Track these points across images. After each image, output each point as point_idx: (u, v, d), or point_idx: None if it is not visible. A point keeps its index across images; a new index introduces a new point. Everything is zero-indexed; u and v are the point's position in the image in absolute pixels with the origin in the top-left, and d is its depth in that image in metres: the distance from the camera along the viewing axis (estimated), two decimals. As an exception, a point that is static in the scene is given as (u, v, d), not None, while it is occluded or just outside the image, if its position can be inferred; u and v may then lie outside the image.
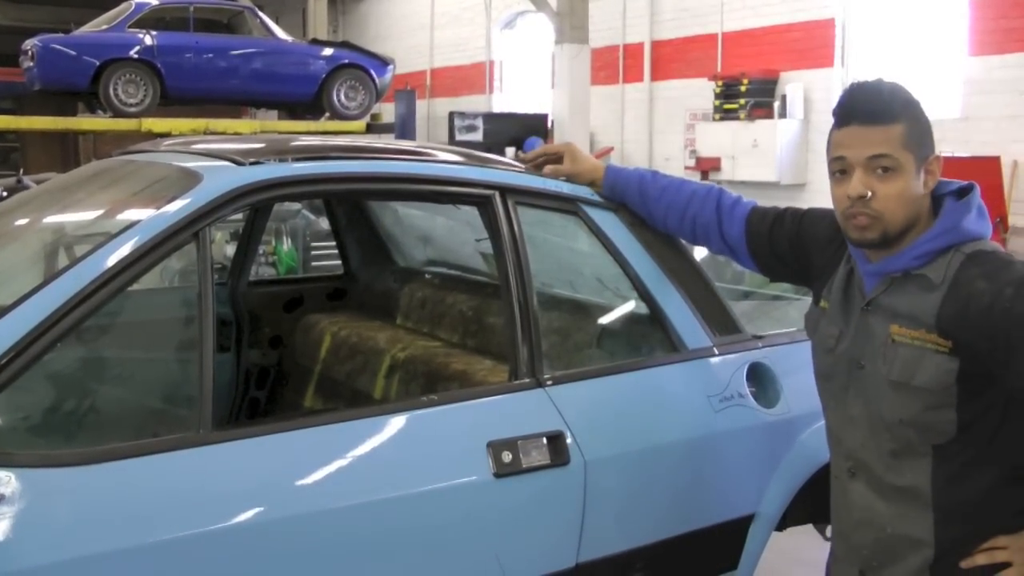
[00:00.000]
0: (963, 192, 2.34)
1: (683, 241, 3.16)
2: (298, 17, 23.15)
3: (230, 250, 6.21)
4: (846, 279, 2.47)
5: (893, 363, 2.29)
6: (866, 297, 2.37)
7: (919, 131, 2.27)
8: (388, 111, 17.33)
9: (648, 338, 3.09)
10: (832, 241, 2.56)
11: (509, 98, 19.89)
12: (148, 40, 13.88)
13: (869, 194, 2.25)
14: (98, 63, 13.54)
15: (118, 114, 13.83)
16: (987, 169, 10.08)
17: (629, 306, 3.23)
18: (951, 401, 2.23)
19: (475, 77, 20.66)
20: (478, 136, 16.32)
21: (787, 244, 2.72)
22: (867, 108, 2.27)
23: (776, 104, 13.61)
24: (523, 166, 3.14)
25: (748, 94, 13.77)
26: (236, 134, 11.90)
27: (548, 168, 3.11)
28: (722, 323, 3.10)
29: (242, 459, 2.36)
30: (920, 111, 2.30)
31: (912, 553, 2.34)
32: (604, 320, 3.40)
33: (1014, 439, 2.27)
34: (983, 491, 2.29)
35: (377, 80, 15.48)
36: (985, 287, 2.19)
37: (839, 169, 2.31)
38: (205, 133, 13.78)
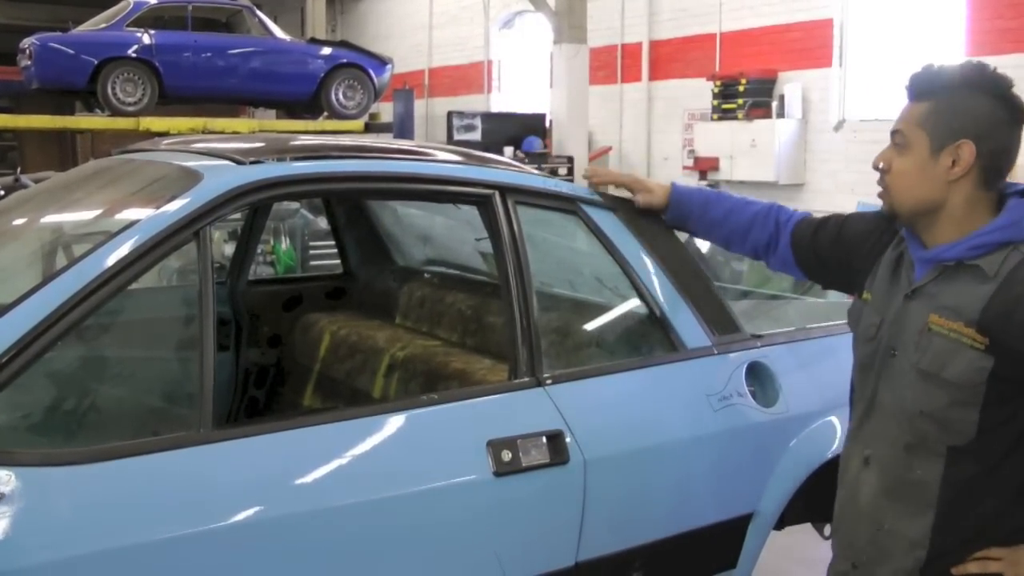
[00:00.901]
0: None
1: (683, 240, 3.17)
2: (296, 16, 23.13)
3: (229, 249, 6.21)
4: (893, 264, 2.43)
5: (926, 352, 2.26)
6: (913, 284, 2.33)
7: (947, 112, 2.22)
8: (386, 110, 17.31)
9: (647, 337, 3.10)
10: (873, 233, 2.54)
11: (507, 98, 19.87)
12: (146, 39, 13.86)
13: (882, 165, 2.29)
14: (96, 62, 13.52)
15: (116, 113, 13.81)
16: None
17: (628, 305, 3.24)
18: (976, 401, 2.20)
19: (473, 77, 20.65)
20: (476, 136, 16.29)
21: (828, 246, 2.69)
22: (911, 83, 2.31)
23: (774, 104, 13.59)
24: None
25: (746, 94, 13.76)
26: (234, 133, 11.89)
27: (641, 199, 3.07)
28: (721, 322, 3.11)
29: (242, 458, 2.36)
30: (968, 96, 2.22)
31: (905, 553, 2.33)
32: (603, 319, 3.40)
33: None
34: (988, 503, 2.26)
35: (375, 79, 15.47)
36: None
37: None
38: (203, 132, 13.77)
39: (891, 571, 2.37)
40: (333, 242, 4.88)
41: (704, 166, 14.26)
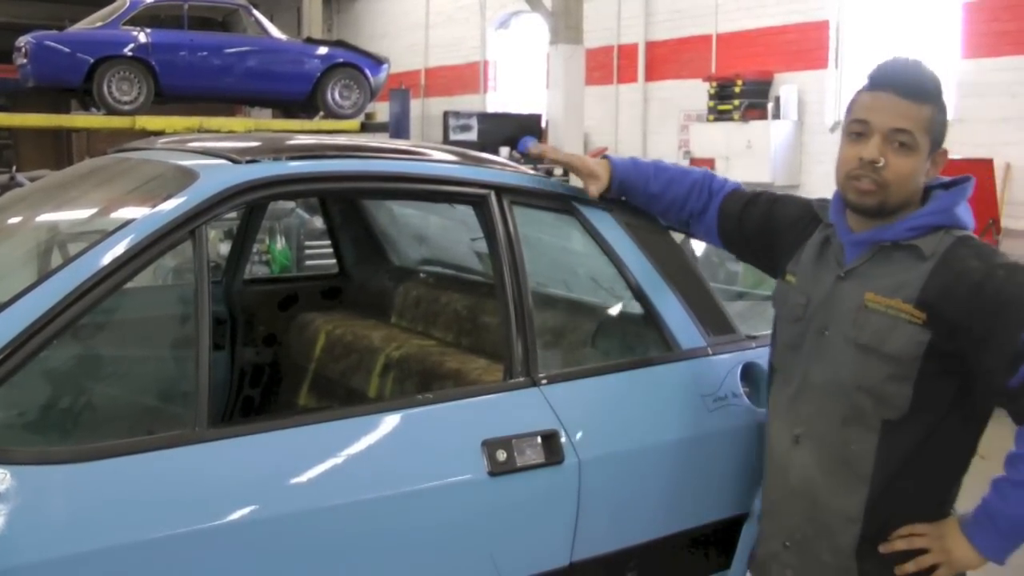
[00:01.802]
0: (953, 184, 2.44)
1: (678, 241, 3.17)
2: (293, 16, 23.12)
3: (224, 248, 6.21)
4: (819, 248, 2.54)
5: (864, 328, 2.36)
6: (844, 266, 2.44)
7: (941, 121, 2.36)
8: (382, 110, 17.30)
9: (642, 337, 3.10)
10: (801, 220, 2.66)
11: (504, 98, 19.86)
12: (142, 38, 13.85)
13: (882, 162, 2.32)
14: (92, 60, 13.51)
15: (112, 112, 13.79)
16: (980, 171, 10.08)
17: (623, 306, 3.24)
18: (912, 374, 2.31)
19: (470, 77, 20.64)
20: (472, 136, 16.30)
21: (756, 224, 2.80)
22: (906, 80, 2.33)
23: (770, 105, 13.60)
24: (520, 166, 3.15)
25: (742, 95, 13.77)
26: (230, 132, 11.89)
27: (593, 189, 3.03)
28: (716, 323, 3.11)
29: (237, 457, 2.36)
30: (944, 103, 2.37)
31: (842, 528, 2.42)
32: (599, 319, 3.40)
33: (953, 433, 2.37)
34: (919, 478, 2.37)
35: (372, 79, 15.46)
36: (978, 265, 2.27)
37: (858, 131, 2.36)
38: (199, 131, 13.75)
39: (830, 548, 2.45)
40: (328, 242, 4.89)
41: (700, 167, 14.26)
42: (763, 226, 2.79)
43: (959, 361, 2.29)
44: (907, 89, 2.32)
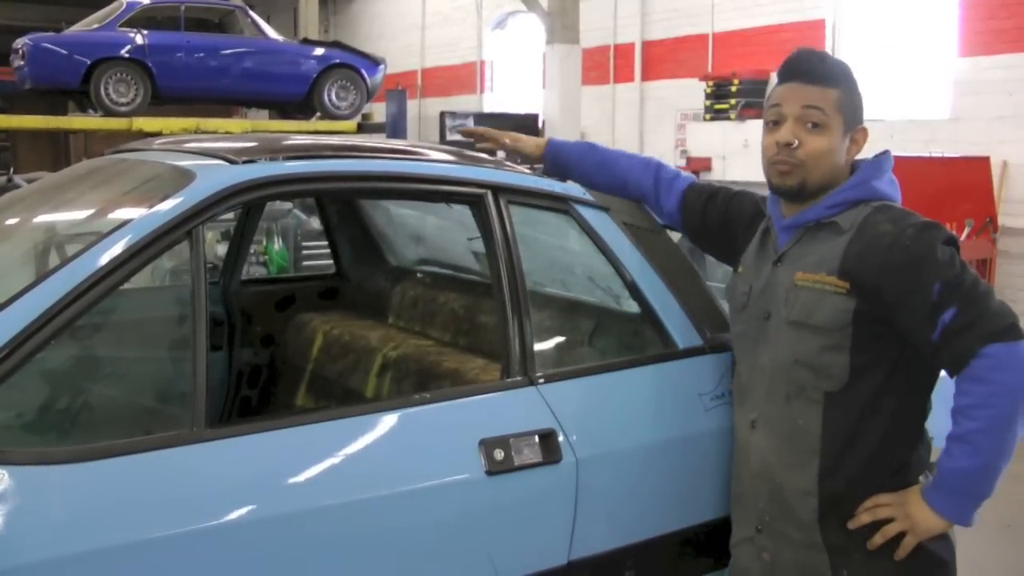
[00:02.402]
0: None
1: (675, 240, 3.18)
2: (289, 17, 23.12)
3: (221, 249, 6.21)
4: (761, 238, 2.67)
5: (794, 305, 2.47)
6: (778, 251, 2.56)
7: (852, 101, 2.50)
8: (379, 111, 17.30)
9: (639, 336, 3.11)
10: (755, 218, 2.77)
11: (500, 98, 19.87)
12: (139, 39, 13.86)
13: (796, 143, 2.46)
14: (89, 62, 13.52)
15: (109, 113, 13.80)
16: (977, 169, 10.11)
17: (620, 305, 3.24)
18: (845, 344, 2.39)
19: (466, 77, 20.65)
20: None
21: (716, 220, 2.93)
22: (808, 69, 2.50)
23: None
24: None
25: (739, 94, 13.77)
26: (227, 134, 11.89)
27: (510, 144, 3.23)
28: (713, 322, 3.11)
29: (235, 457, 2.36)
30: (855, 85, 2.53)
31: (800, 505, 2.49)
32: (596, 319, 3.41)
33: (900, 397, 2.43)
34: (869, 445, 2.43)
35: (368, 80, 15.48)
36: (889, 228, 2.37)
37: (773, 120, 2.52)
38: (196, 133, 13.75)
39: (794, 524, 2.52)
40: (326, 242, 4.88)
41: (696, 166, 14.26)
42: (723, 222, 2.91)
43: (889, 325, 2.37)
44: (812, 76, 2.48)
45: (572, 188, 3.10)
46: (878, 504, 2.43)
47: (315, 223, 8.43)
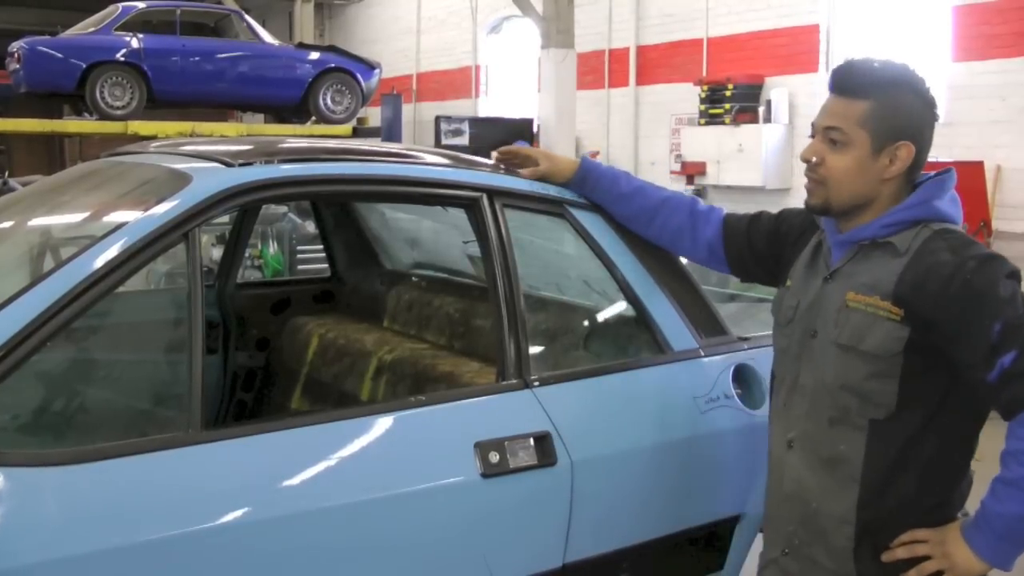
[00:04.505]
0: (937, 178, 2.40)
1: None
2: (285, 21, 23.13)
3: (216, 253, 6.20)
4: (812, 252, 2.54)
5: (844, 327, 2.34)
6: (830, 267, 2.43)
7: (888, 113, 2.31)
8: (374, 115, 17.32)
9: (634, 339, 3.11)
10: (806, 231, 2.63)
11: (495, 102, 19.88)
12: (135, 43, 13.84)
13: (814, 160, 2.35)
14: (84, 66, 13.50)
15: (104, 117, 13.79)
16: (970, 174, 10.13)
17: (615, 308, 3.25)
18: (895, 372, 2.27)
19: (461, 81, 20.66)
20: (464, 140, 16.34)
21: (764, 241, 2.77)
22: (841, 79, 2.36)
23: (761, 109, 13.64)
24: (503, 165, 3.14)
25: (733, 99, 13.81)
26: (223, 137, 11.88)
27: (526, 172, 3.09)
28: (708, 325, 3.12)
29: (231, 459, 2.36)
30: (899, 96, 2.32)
31: (835, 532, 2.37)
32: (591, 322, 3.41)
33: (949, 429, 2.31)
34: (911, 477, 2.32)
35: (363, 84, 15.47)
36: (949, 259, 2.23)
37: (811, 134, 2.40)
38: (191, 136, 13.75)
39: (825, 551, 2.41)
40: (320, 247, 4.88)
41: (691, 171, 14.30)
42: (771, 240, 2.76)
43: (942, 356, 2.25)
44: (841, 88, 2.35)
45: (567, 191, 3.10)
46: (916, 539, 2.32)
47: (310, 227, 8.44)
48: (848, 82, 2.34)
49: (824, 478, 2.40)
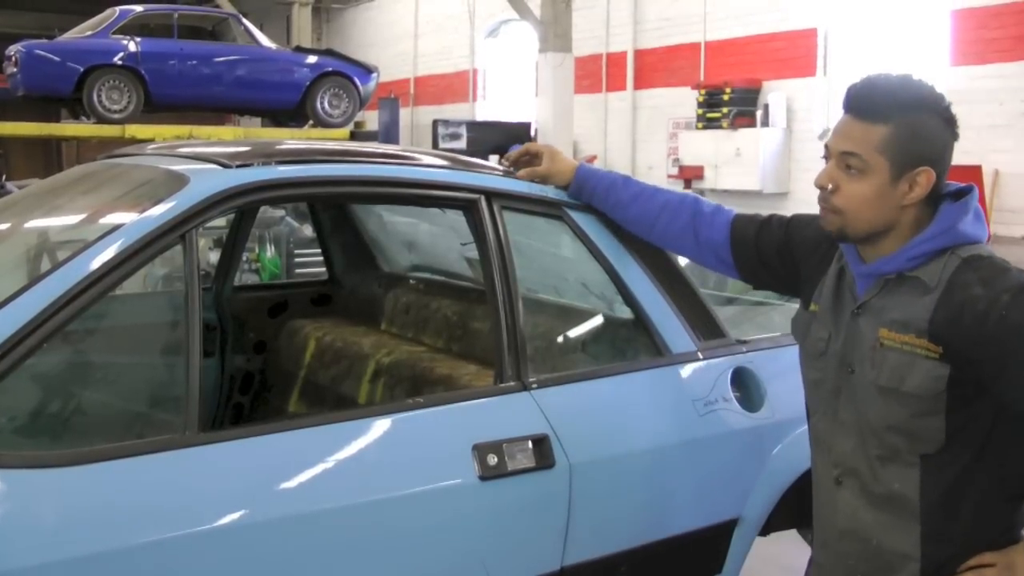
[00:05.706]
0: (960, 194, 2.27)
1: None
2: (282, 25, 23.12)
3: (213, 256, 6.20)
4: (836, 279, 2.40)
5: (882, 368, 2.23)
6: (858, 299, 2.31)
7: (908, 138, 2.17)
8: (372, 119, 17.33)
9: (633, 342, 3.11)
10: (820, 244, 2.49)
11: (493, 106, 19.90)
12: (132, 47, 13.84)
13: (830, 187, 2.22)
14: (82, 69, 13.49)
15: (102, 120, 13.78)
16: (969, 178, 10.11)
17: (614, 310, 3.24)
18: (940, 408, 2.18)
19: (459, 85, 20.67)
20: (462, 144, 16.33)
21: (775, 250, 2.65)
22: (860, 101, 2.22)
23: (759, 113, 13.66)
24: (506, 168, 3.14)
25: (731, 103, 13.83)
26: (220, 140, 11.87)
27: (523, 172, 3.08)
28: (707, 327, 3.11)
29: (228, 461, 2.36)
30: (922, 120, 2.19)
31: (900, 567, 2.29)
32: (589, 324, 3.41)
33: (1002, 453, 2.22)
34: (971, 506, 2.23)
35: (361, 88, 15.47)
36: (981, 293, 2.12)
37: (825, 156, 2.27)
38: (189, 140, 13.75)
39: None
40: (318, 250, 4.88)
41: (689, 175, 14.30)
42: (783, 250, 2.63)
43: (985, 388, 2.17)
44: (859, 110, 2.21)
45: (565, 193, 3.09)
46: (982, 563, 2.24)
47: (307, 230, 8.43)
48: (868, 104, 2.20)
49: (880, 515, 2.31)
